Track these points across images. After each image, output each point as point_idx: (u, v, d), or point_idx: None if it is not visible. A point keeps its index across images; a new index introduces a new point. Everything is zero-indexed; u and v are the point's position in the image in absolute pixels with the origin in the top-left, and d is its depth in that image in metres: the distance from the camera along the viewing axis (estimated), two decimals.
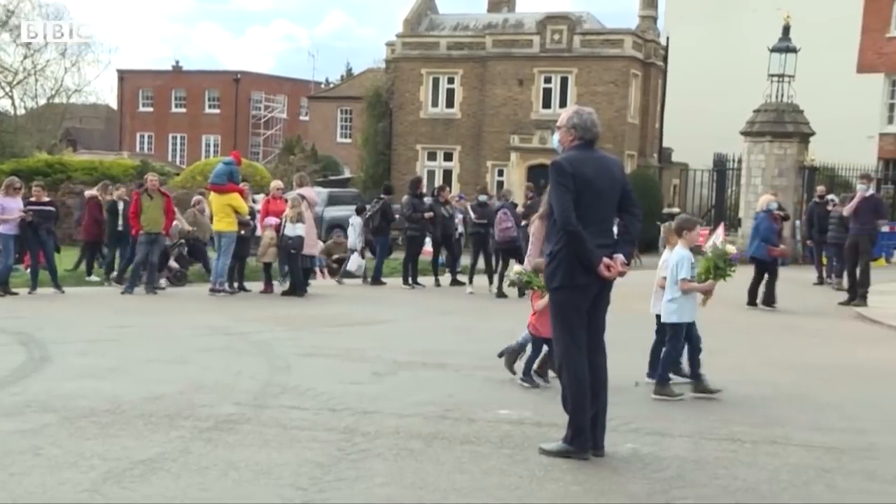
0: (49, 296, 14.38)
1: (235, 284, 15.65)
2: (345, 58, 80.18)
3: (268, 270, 15.85)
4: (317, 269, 18.12)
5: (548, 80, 35.39)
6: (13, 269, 15.00)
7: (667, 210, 27.78)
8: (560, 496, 5.07)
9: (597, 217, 5.70)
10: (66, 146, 44.78)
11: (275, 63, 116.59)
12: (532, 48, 35.41)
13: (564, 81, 35.17)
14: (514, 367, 8.27)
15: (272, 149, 54.42)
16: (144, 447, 5.78)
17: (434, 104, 37.14)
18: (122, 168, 30.85)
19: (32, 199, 14.96)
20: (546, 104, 35.06)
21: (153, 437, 6.02)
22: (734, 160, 28.81)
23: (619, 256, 5.72)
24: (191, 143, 57.59)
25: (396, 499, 4.98)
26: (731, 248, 8.06)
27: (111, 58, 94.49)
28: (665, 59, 36.59)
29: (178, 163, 51.71)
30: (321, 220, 23.20)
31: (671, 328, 7.82)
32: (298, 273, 15.33)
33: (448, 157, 37.14)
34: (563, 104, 32.33)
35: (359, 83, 46.83)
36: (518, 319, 12.81)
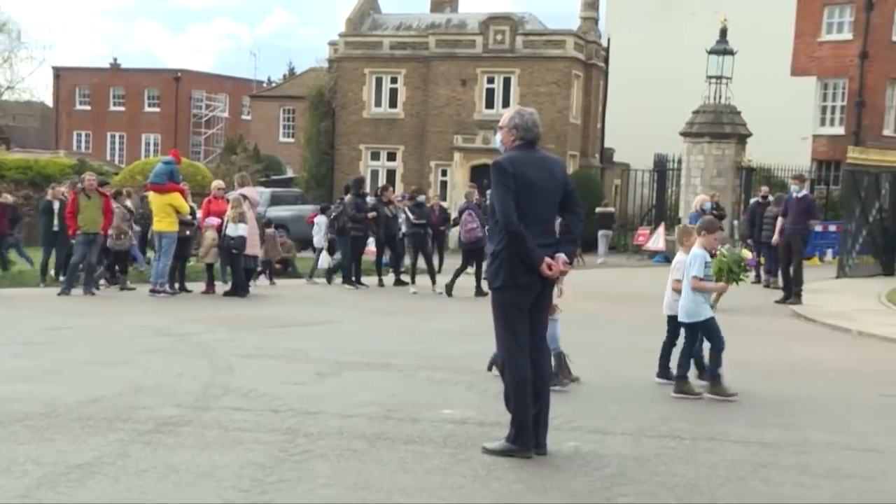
0: None
1: (177, 285, 15.47)
2: (287, 57, 79.84)
3: (210, 271, 15.69)
4: (259, 270, 18.01)
5: (491, 81, 35.52)
6: None
7: (600, 209, 27.93)
8: (503, 495, 5.10)
9: (538, 217, 5.73)
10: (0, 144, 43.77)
11: (216, 61, 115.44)
12: (475, 48, 35.51)
13: (507, 82, 35.33)
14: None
15: (214, 148, 53.80)
16: (81, 451, 5.67)
17: (377, 104, 37.05)
18: (59, 167, 30.25)
19: None
20: (489, 104, 35.18)
21: (90, 441, 5.91)
22: (674, 160, 29.24)
23: (561, 256, 5.76)
24: (130, 142, 56.64)
25: (339, 499, 4.96)
26: (747, 254, 8.06)
27: (45, 54, 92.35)
28: (606, 61, 36.98)
29: (117, 162, 50.85)
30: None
31: (688, 327, 7.90)
32: (240, 273, 15.20)
33: (391, 157, 37.08)
34: (506, 104, 32.45)
35: (301, 82, 46.52)
36: (462, 319, 12.88)
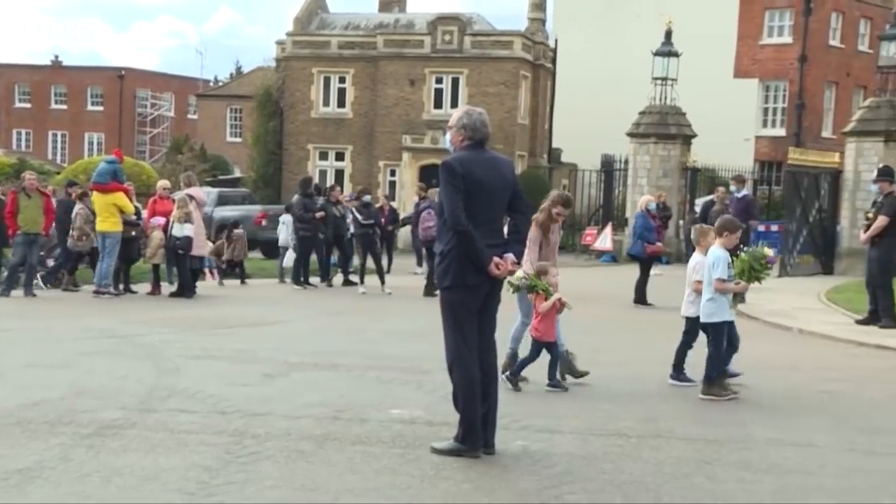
0: None
1: (121, 286, 15.24)
2: (234, 56, 79.17)
3: (156, 271, 15.48)
4: (206, 270, 17.86)
5: (439, 81, 35.58)
6: None
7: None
8: (451, 495, 5.11)
9: (487, 217, 5.75)
10: None
11: (161, 60, 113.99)
12: (423, 48, 35.53)
13: (455, 82, 35.41)
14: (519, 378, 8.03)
15: (159, 148, 53.12)
16: (21, 456, 5.56)
17: (325, 104, 36.89)
18: None
19: None
20: (438, 104, 35.24)
21: (31, 445, 5.80)
22: (621, 161, 29.51)
23: (510, 256, 5.78)
24: (72, 141, 55.63)
25: (287, 500, 4.93)
26: (768, 251, 8.03)
27: None
28: (554, 62, 37.24)
29: (59, 161, 49.97)
30: (210, 221, 22.75)
31: (712, 328, 7.90)
32: (187, 274, 15.03)
33: (340, 157, 36.94)
34: (455, 104, 32.55)
35: (249, 81, 46.15)
36: (411, 319, 12.86)
